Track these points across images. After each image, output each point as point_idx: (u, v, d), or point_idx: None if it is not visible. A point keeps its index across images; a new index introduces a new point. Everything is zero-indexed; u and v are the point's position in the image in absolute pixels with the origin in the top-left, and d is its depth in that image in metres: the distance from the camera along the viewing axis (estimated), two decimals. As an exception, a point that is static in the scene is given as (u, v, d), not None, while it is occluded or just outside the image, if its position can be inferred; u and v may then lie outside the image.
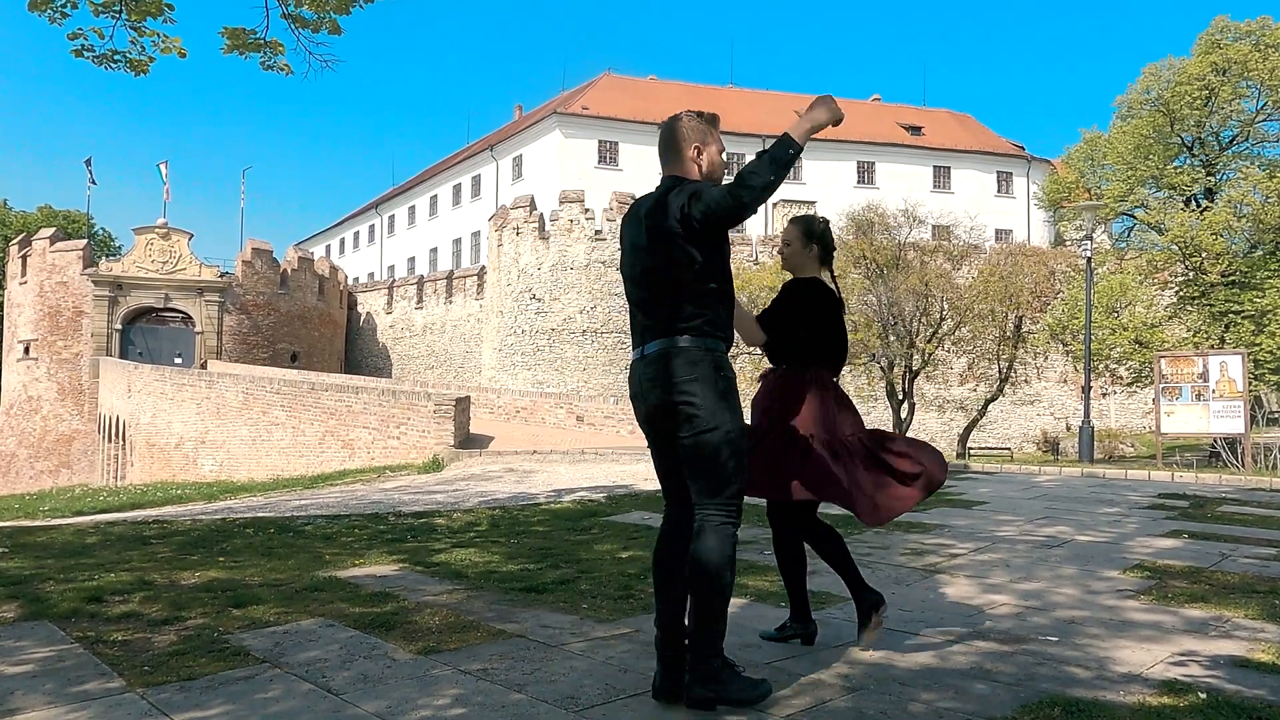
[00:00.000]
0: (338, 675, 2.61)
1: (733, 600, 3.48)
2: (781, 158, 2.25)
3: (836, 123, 2.37)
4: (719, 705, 2.30)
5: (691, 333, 2.35)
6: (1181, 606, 3.35)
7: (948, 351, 21.27)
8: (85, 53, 4.66)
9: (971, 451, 22.96)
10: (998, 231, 37.34)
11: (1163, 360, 12.50)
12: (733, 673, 2.37)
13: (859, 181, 38.79)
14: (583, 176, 34.72)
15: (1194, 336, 19.33)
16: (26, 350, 30.96)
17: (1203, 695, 2.35)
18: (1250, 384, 13.12)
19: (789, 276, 3.00)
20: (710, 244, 2.37)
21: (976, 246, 23.04)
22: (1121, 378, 20.87)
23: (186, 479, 18.66)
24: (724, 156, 2.52)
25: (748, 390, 3.32)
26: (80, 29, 4.56)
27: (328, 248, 55.07)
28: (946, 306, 20.27)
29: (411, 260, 46.21)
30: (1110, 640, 2.93)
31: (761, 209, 39.73)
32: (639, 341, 2.45)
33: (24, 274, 31.58)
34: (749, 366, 18.67)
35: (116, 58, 4.64)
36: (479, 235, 39.35)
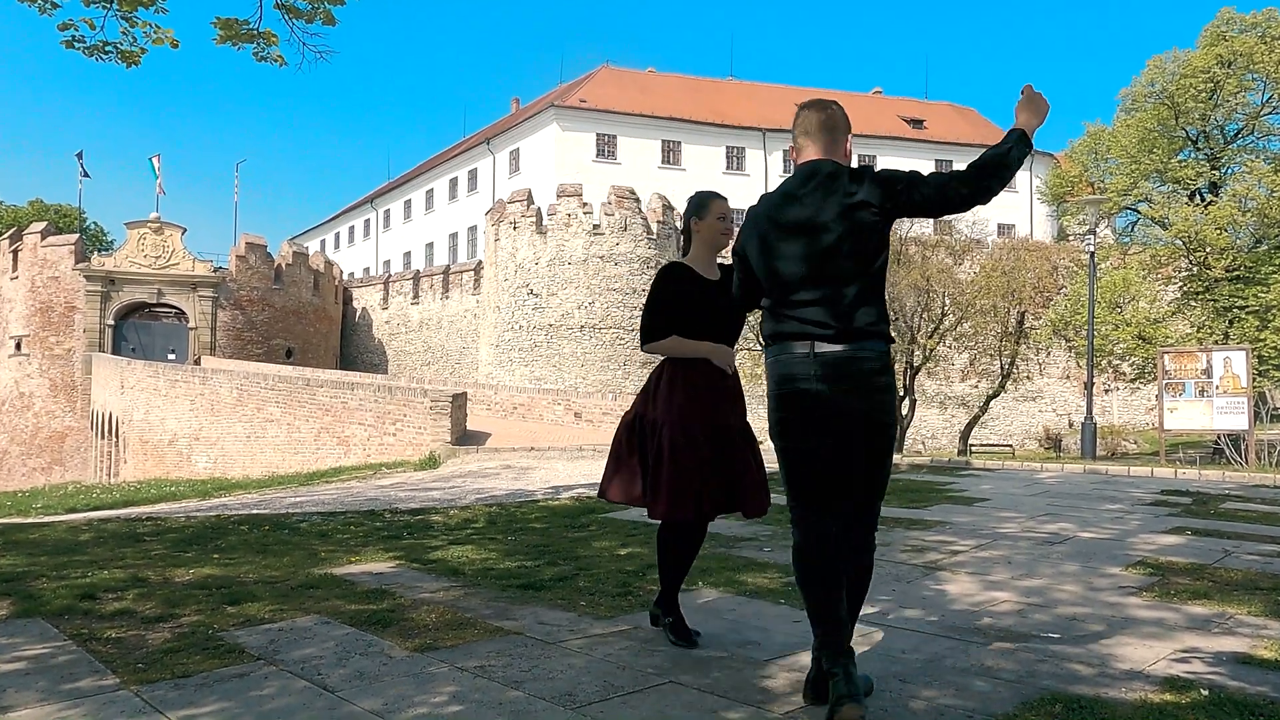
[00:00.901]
0: (333, 673, 2.60)
1: (731, 596, 3.49)
2: (1022, 159, 2.23)
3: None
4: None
5: (879, 337, 2.28)
6: (1184, 603, 3.34)
7: (949, 347, 21.16)
8: (76, 44, 4.61)
9: (973, 448, 22.91)
10: (1000, 226, 37.12)
11: (1166, 356, 12.40)
12: None
13: (860, 175, 38.72)
14: (580, 170, 34.56)
15: (1198, 332, 19.19)
16: (18, 346, 30.76)
17: (1205, 692, 2.34)
18: (1254, 380, 13.06)
19: None
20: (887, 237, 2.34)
21: (979, 241, 22.93)
22: (1124, 374, 20.74)
23: (180, 476, 18.57)
24: None
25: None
26: (71, 20, 4.51)
27: (322, 242, 54.84)
28: (948, 302, 20.16)
29: (407, 255, 46.04)
30: (1112, 637, 2.92)
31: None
32: (811, 335, 2.27)
33: (15, 269, 31.35)
34: (749, 361, 18.51)
35: (107, 49, 4.59)
36: (475, 230, 39.22)
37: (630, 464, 2.83)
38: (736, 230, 2.60)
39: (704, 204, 2.93)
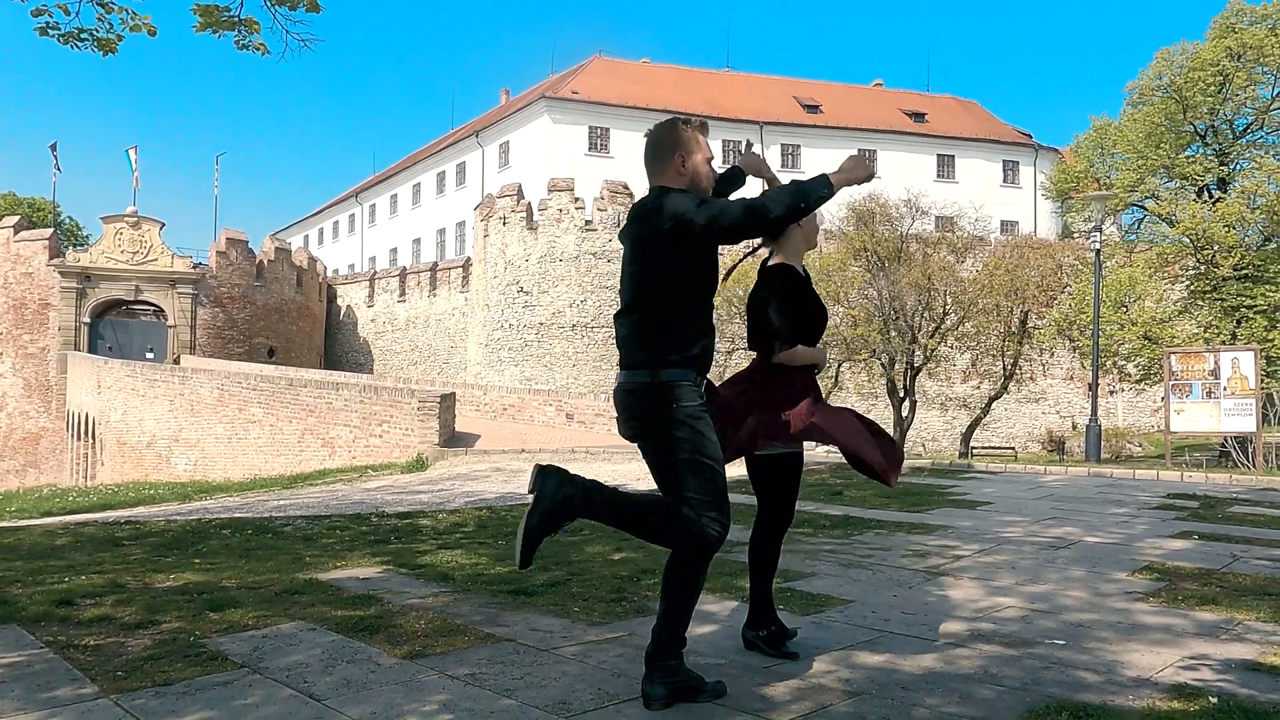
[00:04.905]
0: (320, 680, 2.55)
1: (728, 601, 3.43)
2: (811, 195, 2.32)
3: (867, 180, 2.43)
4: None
5: (666, 365, 2.33)
6: (1192, 609, 3.33)
7: (951, 347, 20.97)
8: (50, 31, 4.47)
9: (975, 451, 22.79)
10: (1003, 223, 36.53)
11: (1173, 356, 12.29)
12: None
13: (860, 170, 38.53)
14: (572, 164, 34.23)
15: (1205, 332, 19.01)
16: (-9, 344, 30.18)
17: (1213, 699, 2.31)
18: (1262, 381, 12.92)
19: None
20: (702, 255, 2.37)
21: (981, 238, 22.71)
22: (1130, 375, 20.52)
23: (160, 479, 18.30)
24: (712, 165, 2.48)
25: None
26: (44, 5, 4.37)
27: (306, 238, 54.30)
28: (950, 301, 19.92)
29: (394, 251, 45.65)
30: (1119, 644, 2.90)
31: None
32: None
33: (-12, 265, 30.75)
34: (745, 364, 18.30)
35: (83, 36, 4.46)
36: (464, 225, 38.91)
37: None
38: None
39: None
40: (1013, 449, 26.74)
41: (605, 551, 4.65)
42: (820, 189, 2.33)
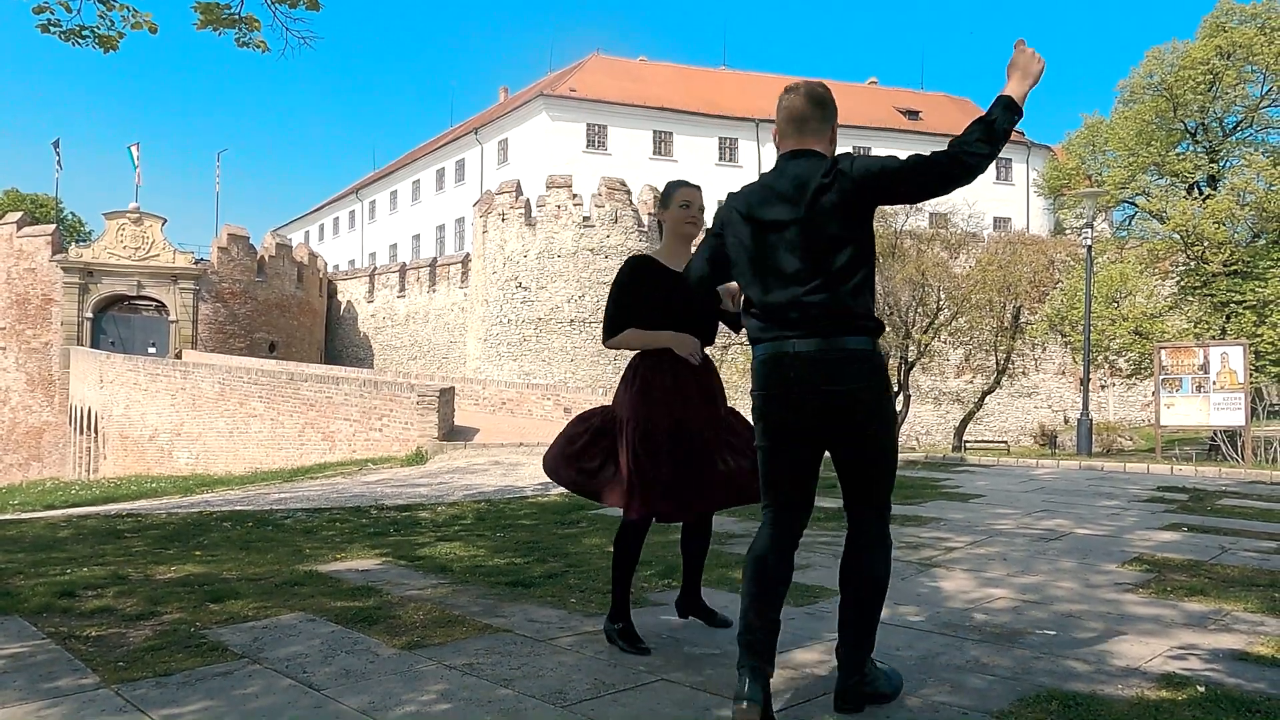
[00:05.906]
0: (319, 671, 2.56)
1: (724, 593, 3.45)
2: (1007, 128, 2.10)
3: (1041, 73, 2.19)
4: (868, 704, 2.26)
5: (865, 332, 2.20)
6: (1181, 600, 3.34)
7: (944, 343, 20.96)
8: (51, 28, 4.48)
9: (968, 444, 22.81)
10: (996, 219, 36.51)
11: (1163, 351, 12.34)
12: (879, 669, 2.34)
13: (855, 167, 38.51)
14: (570, 161, 34.24)
15: (1195, 327, 19.09)
16: (-6, 339, 30.19)
17: (1201, 689, 2.33)
18: (1251, 376, 12.96)
19: None
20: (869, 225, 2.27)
21: (974, 235, 22.75)
22: (1121, 369, 20.60)
23: (161, 472, 18.34)
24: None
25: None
26: (46, 2, 4.38)
27: (306, 234, 54.23)
28: (943, 296, 19.95)
29: (394, 247, 45.64)
30: (1109, 634, 2.92)
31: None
32: (792, 333, 2.19)
33: (-9, 260, 30.74)
34: (741, 358, 18.44)
35: (84, 33, 4.47)
36: (463, 221, 38.87)
37: (587, 459, 2.81)
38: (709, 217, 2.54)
39: (668, 193, 2.93)
40: (1005, 443, 26.75)
41: (603, 544, 4.67)
42: (1011, 118, 2.09)
